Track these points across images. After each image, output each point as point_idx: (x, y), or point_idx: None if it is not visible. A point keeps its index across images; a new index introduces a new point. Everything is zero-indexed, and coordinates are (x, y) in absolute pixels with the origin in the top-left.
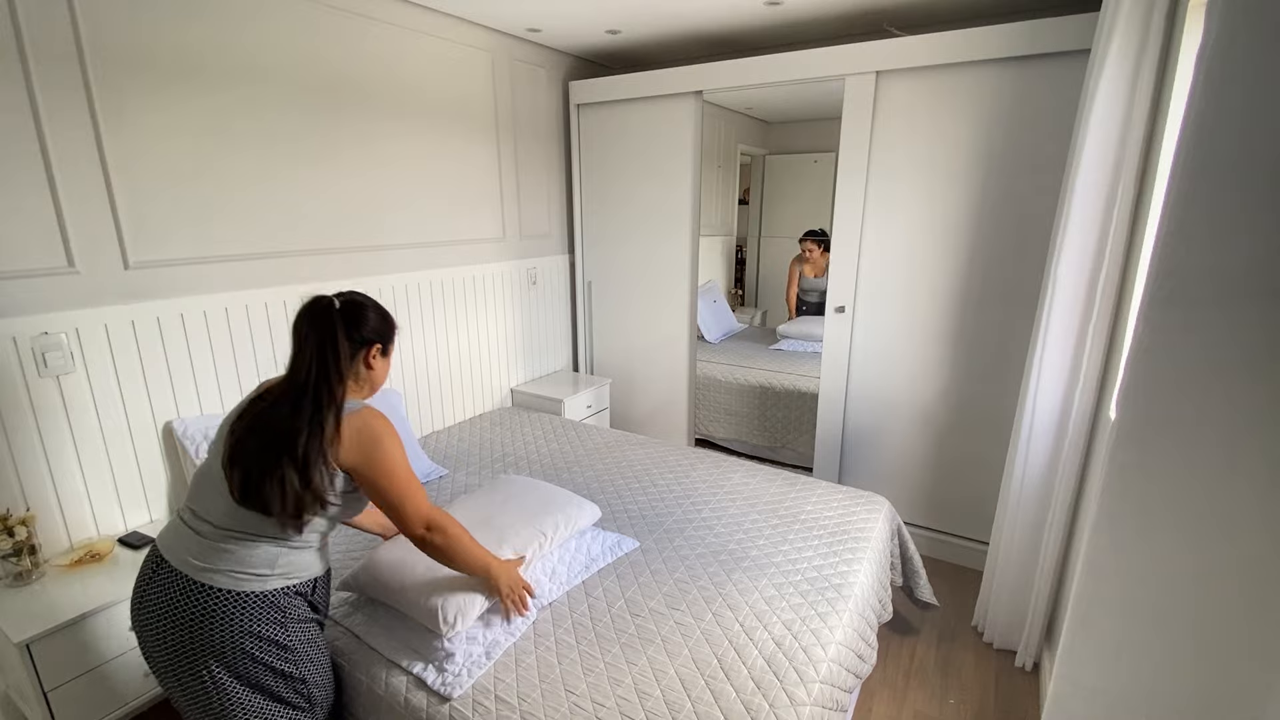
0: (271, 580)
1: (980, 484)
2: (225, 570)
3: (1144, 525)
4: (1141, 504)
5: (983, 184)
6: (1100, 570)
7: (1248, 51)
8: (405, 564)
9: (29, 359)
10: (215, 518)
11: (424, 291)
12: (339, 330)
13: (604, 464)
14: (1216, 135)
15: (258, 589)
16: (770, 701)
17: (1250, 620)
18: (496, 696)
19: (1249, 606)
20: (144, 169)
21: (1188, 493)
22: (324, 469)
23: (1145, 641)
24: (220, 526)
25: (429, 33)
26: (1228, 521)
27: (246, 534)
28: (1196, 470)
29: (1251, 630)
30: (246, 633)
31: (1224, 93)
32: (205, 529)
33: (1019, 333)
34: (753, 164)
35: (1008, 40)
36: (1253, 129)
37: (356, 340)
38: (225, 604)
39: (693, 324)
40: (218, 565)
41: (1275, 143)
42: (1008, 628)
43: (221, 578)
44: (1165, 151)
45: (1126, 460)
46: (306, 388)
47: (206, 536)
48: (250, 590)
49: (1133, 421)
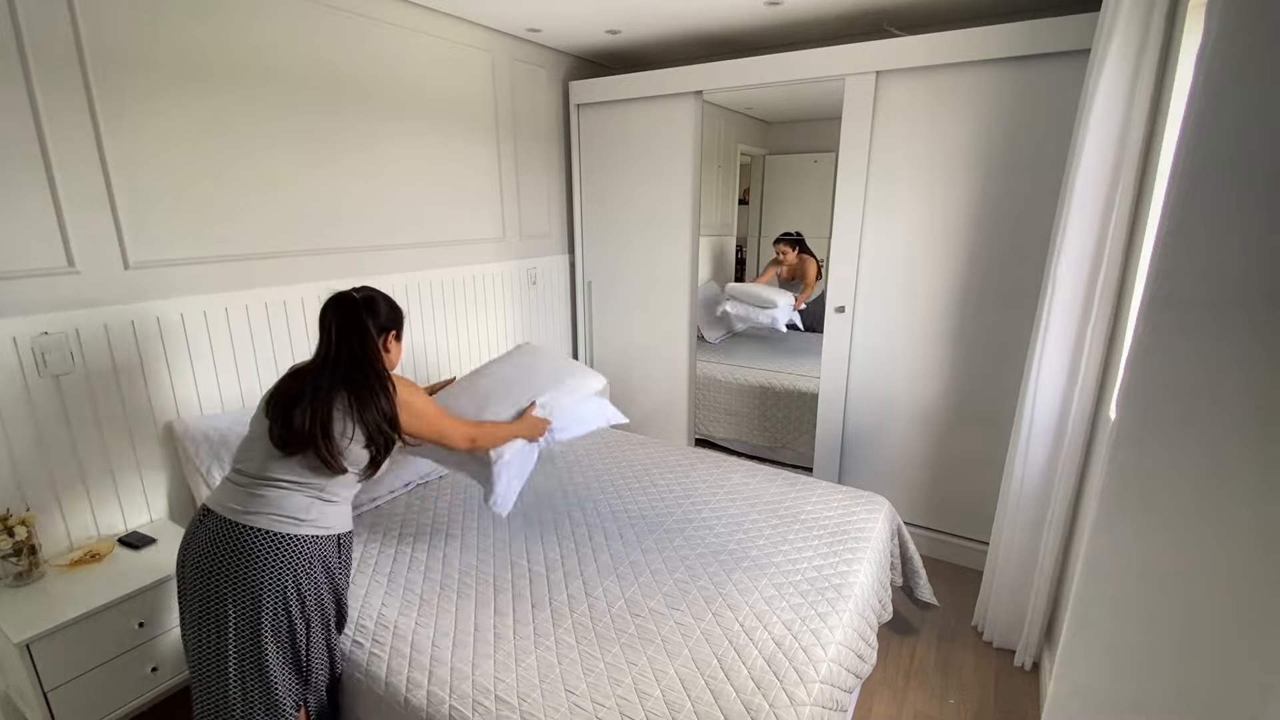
0: (304, 526)
1: (980, 484)
2: (264, 513)
3: (1143, 525)
4: (1141, 504)
5: (983, 184)
6: (1100, 570)
7: (1248, 51)
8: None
9: (29, 359)
10: (254, 469)
11: (424, 291)
12: (366, 320)
13: (604, 464)
14: (1216, 135)
15: (292, 532)
16: (770, 701)
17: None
18: (496, 696)
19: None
20: (144, 169)
21: (1187, 493)
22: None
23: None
24: (258, 476)
25: (429, 33)
26: (1227, 522)
27: (283, 482)
28: (1196, 470)
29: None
30: (276, 571)
31: (1224, 93)
32: (244, 480)
33: (1019, 333)
34: (753, 164)
35: (1008, 40)
36: (1253, 129)
37: (377, 328)
38: (261, 542)
39: (693, 324)
40: (258, 509)
41: (1275, 143)
42: (1007, 627)
43: (260, 519)
44: (1165, 151)
45: (1126, 460)
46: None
47: (245, 487)
48: (285, 532)
49: (1133, 421)
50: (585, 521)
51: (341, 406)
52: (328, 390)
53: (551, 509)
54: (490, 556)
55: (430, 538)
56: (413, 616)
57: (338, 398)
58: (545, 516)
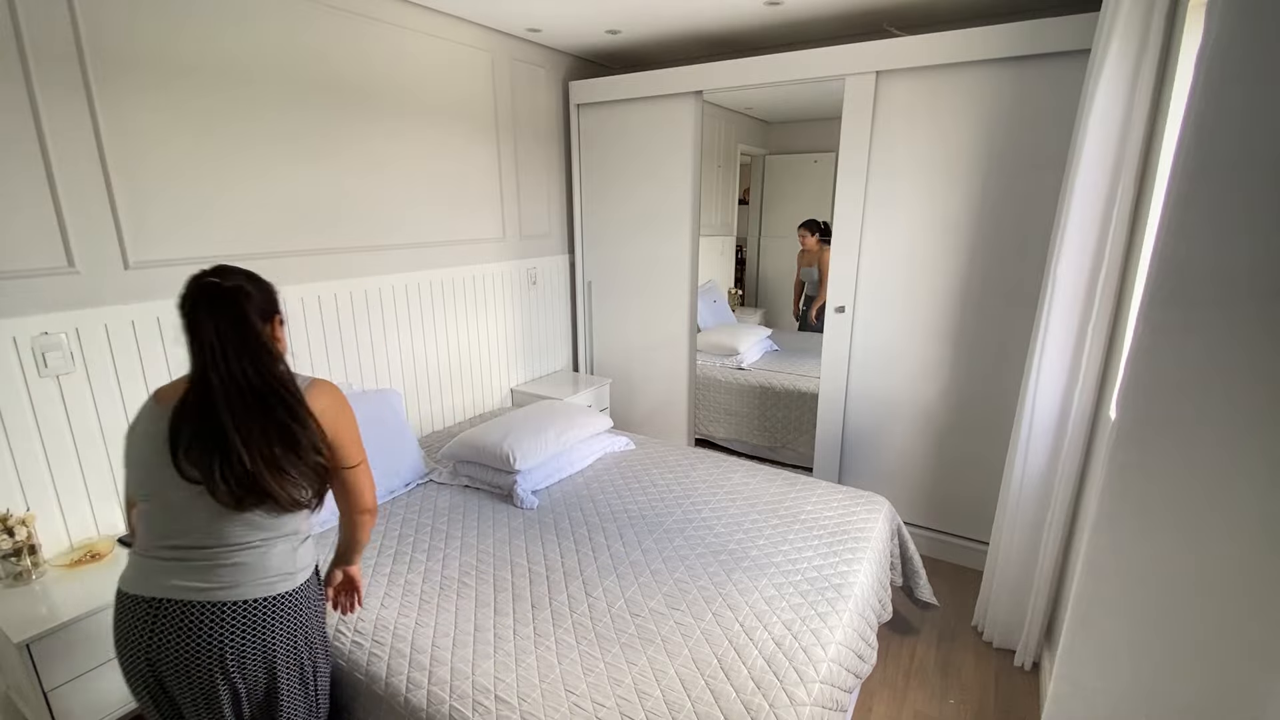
0: (298, 577)
1: (980, 484)
2: (247, 582)
3: (1144, 525)
4: (1141, 504)
5: (983, 184)
6: (1100, 570)
7: (1248, 51)
8: (483, 434)
9: (29, 359)
10: (200, 539)
11: (424, 291)
12: (253, 319)
13: (604, 464)
14: (1216, 135)
15: (288, 588)
16: (770, 701)
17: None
18: (496, 696)
19: (1249, 607)
20: (144, 169)
21: (1188, 493)
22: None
23: (1145, 641)
24: (222, 545)
25: (429, 33)
26: (1227, 521)
27: (254, 541)
28: (1196, 470)
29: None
30: (288, 634)
31: (1224, 93)
32: (203, 554)
33: (1019, 332)
34: (753, 164)
35: (1008, 40)
36: (1253, 129)
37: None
38: (262, 612)
39: (693, 324)
40: (239, 580)
41: (1275, 143)
42: (1008, 627)
43: (247, 589)
44: (1165, 151)
45: (1126, 460)
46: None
47: (210, 560)
48: (283, 591)
49: (1133, 421)
50: (585, 521)
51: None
52: (244, 419)
53: (551, 509)
54: (490, 556)
55: (430, 538)
56: (413, 616)
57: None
58: (545, 517)
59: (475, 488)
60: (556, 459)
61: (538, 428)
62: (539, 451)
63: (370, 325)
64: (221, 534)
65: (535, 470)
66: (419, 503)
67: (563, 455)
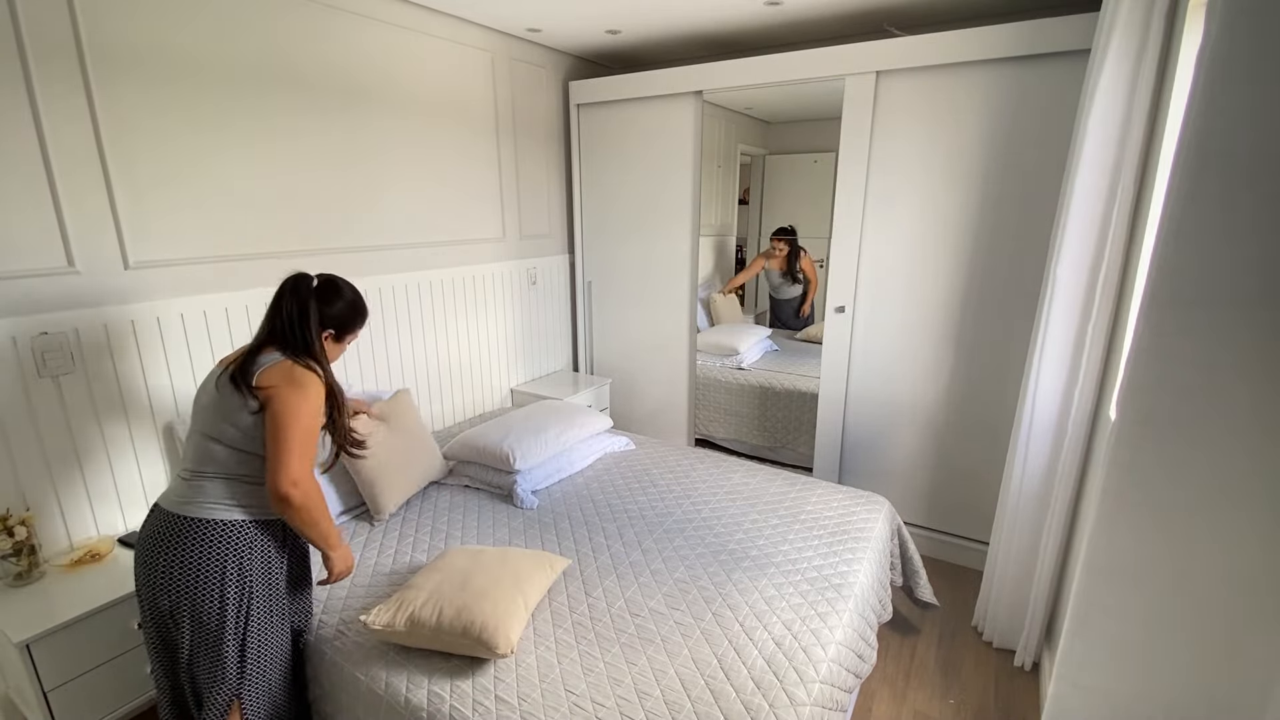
0: (234, 511)
1: (980, 484)
2: (197, 502)
3: (1143, 525)
4: (1141, 504)
5: (983, 184)
6: (1100, 570)
7: (1248, 51)
8: (483, 434)
9: (29, 359)
10: (191, 463)
11: (424, 291)
12: (312, 303)
13: (604, 463)
14: (1216, 135)
15: (224, 517)
16: (770, 701)
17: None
18: (496, 696)
19: (1248, 607)
20: (144, 169)
21: (1187, 493)
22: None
23: (1145, 642)
24: (194, 469)
25: (429, 33)
26: (1227, 521)
27: (211, 473)
28: (1196, 470)
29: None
30: (213, 555)
31: (1224, 93)
32: (185, 474)
33: (1019, 333)
34: (753, 164)
35: (1008, 40)
36: (1253, 129)
37: (322, 317)
38: (196, 529)
39: (693, 324)
40: (192, 499)
41: (1275, 143)
42: (1007, 627)
43: (193, 508)
44: (1165, 151)
45: (1126, 460)
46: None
47: (186, 480)
48: (217, 518)
49: (1133, 421)
50: (585, 521)
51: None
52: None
53: (551, 509)
54: None
55: (430, 537)
56: None
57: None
58: (545, 517)
59: (475, 488)
60: (556, 459)
61: (538, 428)
62: (539, 451)
63: (370, 325)
64: (197, 459)
65: (535, 470)
66: (419, 503)
67: (563, 455)
